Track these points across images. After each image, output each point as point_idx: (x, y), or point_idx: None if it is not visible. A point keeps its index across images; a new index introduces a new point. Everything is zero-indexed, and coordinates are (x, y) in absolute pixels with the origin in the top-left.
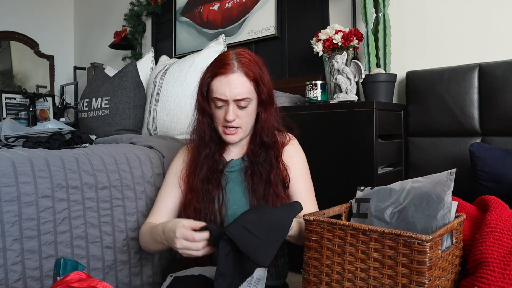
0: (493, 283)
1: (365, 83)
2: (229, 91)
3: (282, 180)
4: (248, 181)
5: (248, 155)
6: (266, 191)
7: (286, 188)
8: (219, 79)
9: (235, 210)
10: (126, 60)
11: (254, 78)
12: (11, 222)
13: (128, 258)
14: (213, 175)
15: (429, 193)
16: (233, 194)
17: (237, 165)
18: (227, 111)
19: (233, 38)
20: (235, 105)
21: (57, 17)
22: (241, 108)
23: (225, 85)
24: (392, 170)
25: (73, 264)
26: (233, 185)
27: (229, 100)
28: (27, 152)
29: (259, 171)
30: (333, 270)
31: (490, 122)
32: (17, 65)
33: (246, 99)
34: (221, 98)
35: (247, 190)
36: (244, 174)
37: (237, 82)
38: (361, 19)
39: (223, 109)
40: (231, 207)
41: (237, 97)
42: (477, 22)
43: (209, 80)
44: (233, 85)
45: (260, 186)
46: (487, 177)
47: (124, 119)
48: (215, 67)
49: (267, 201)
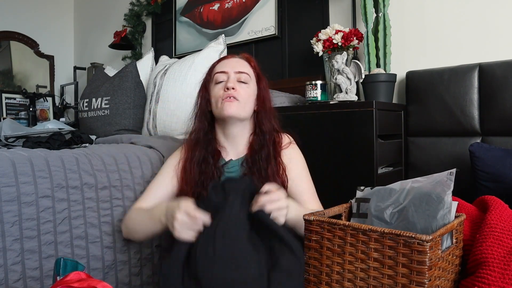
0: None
1: (365, 83)
2: (230, 65)
3: (281, 182)
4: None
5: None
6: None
7: (285, 189)
8: (222, 61)
9: None
10: (126, 60)
11: (254, 66)
12: (11, 222)
13: (128, 258)
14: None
15: (429, 193)
16: None
17: (236, 166)
18: (227, 81)
19: (233, 38)
20: (236, 78)
21: (57, 17)
22: (240, 82)
23: (228, 61)
24: (392, 170)
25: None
26: None
27: (229, 72)
28: (27, 152)
29: (259, 169)
30: (333, 270)
31: (490, 122)
32: (17, 65)
33: (246, 73)
34: (222, 71)
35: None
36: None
37: (239, 61)
38: (361, 19)
39: (223, 83)
40: None
41: (238, 69)
42: (477, 22)
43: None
44: (234, 62)
45: (259, 185)
46: (487, 177)
47: (124, 119)
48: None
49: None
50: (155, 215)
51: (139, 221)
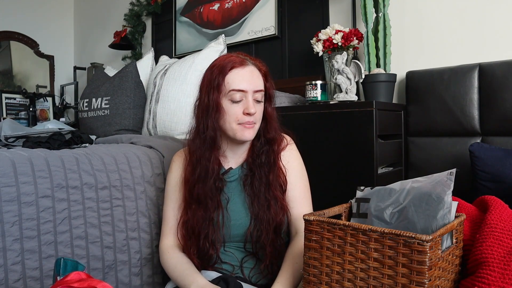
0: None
1: (365, 83)
2: (249, 82)
3: (280, 185)
4: (248, 189)
5: (247, 162)
6: (267, 194)
7: (284, 193)
8: (235, 71)
9: (236, 220)
10: (126, 60)
11: (264, 73)
12: (11, 222)
13: (128, 258)
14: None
15: (429, 193)
16: (233, 205)
17: (236, 174)
18: (247, 104)
19: (233, 38)
20: (253, 97)
21: (57, 17)
22: (257, 101)
23: (244, 76)
24: (392, 170)
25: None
26: (232, 195)
27: (248, 92)
28: (27, 152)
29: (260, 175)
30: (333, 270)
31: (490, 122)
32: (17, 65)
33: (262, 91)
34: (240, 89)
35: (247, 199)
36: (243, 183)
37: (254, 73)
38: (361, 19)
39: (240, 103)
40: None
41: (256, 88)
42: (477, 22)
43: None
44: (251, 76)
45: (261, 190)
46: (487, 177)
47: (124, 119)
48: (228, 63)
49: (269, 205)
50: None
51: (175, 278)
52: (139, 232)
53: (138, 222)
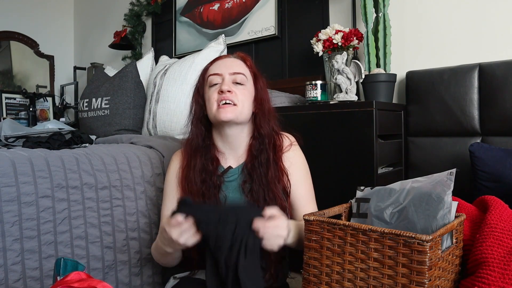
0: (493, 283)
1: (365, 83)
2: (225, 66)
3: (283, 187)
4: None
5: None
6: (266, 195)
7: (287, 196)
8: (215, 62)
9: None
10: (126, 60)
11: (250, 65)
12: (11, 222)
13: (128, 258)
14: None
15: (429, 193)
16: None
17: (235, 174)
18: (222, 84)
19: (233, 38)
20: (231, 79)
21: (57, 17)
22: (237, 84)
23: (221, 62)
24: (392, 170)
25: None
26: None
27: (224, 74)
28: (27, 152)
29: (259, 176)
30: (333, 270)
31: (490, 122)
32: (17, 65)
33: (242, 74)
34: (216, 73)
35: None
36: (243, 183)
37: (234, 62)
38: (361, 19)
39: (217, 86)
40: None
41: (232, 70)
42: (477, 22)
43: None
44: (229, 63)
45: (260, 191)
46: (487, 177)
47: (124, 119)
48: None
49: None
50: (162, 248)
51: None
52: (139, 232)
53: (138, 222)
